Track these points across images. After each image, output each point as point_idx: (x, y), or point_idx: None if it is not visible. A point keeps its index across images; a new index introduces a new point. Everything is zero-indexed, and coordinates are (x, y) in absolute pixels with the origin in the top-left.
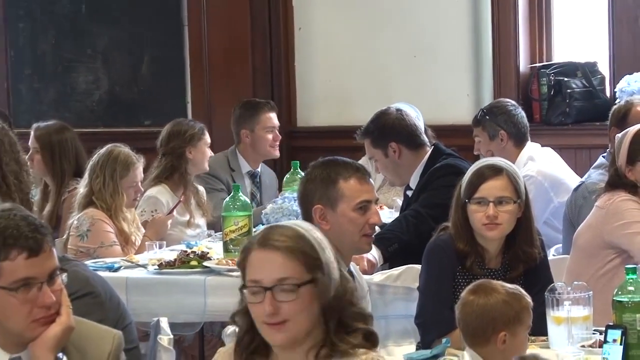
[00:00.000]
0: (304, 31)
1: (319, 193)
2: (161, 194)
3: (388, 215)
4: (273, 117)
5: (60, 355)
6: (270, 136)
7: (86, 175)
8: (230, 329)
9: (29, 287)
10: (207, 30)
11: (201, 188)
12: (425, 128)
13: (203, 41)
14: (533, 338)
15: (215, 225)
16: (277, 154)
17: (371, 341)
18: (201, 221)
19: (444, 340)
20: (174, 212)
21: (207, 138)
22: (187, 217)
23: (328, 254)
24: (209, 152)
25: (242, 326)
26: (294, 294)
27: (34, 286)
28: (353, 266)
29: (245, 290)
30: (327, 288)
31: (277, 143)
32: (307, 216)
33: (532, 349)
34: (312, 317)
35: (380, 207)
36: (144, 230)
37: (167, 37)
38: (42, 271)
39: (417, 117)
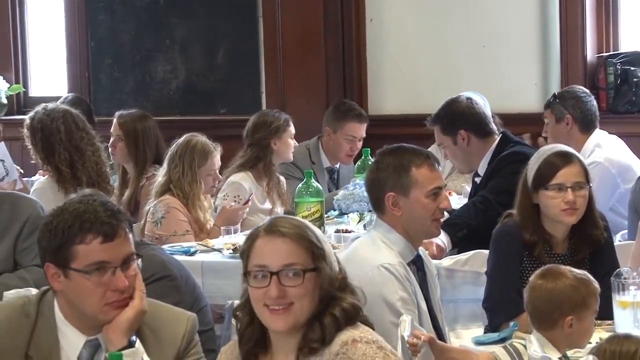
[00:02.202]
0: (375, 22)
1: (392, 180)
2: (244, 180)
3: (457, 201)
4: (358, 128)
5: (133, 338)
6: (348, 145)
7: (165, 164)
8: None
9: (103, 271)
10: (281, 22)
11: (282, 178)
12: (492, 115)
13: (277, 32)
14: (599, 322)
15: (291, 212)
16: (349, 162)
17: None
18: (280, 210)
19: (511, 323)
20: (249, 204)
21: (292, 129)
22: (269, 206)
23: (329, 248)
24: (294, 143)
25: (244, 320)
26: (300, 279)
27: (108, 270)
28: (422, 251)
29: (249, 276)
30: (328, 278)
31: (354, 153)
32: (378, 203)
33: (598, 333)
34: (313, 305)
35: (449, 193)
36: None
37: (243, 28)
38: (116, 256)
39: (485, 105)
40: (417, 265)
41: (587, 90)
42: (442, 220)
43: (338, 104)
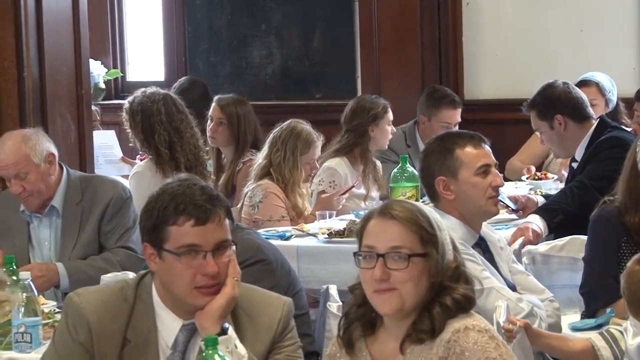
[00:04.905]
0: (472, 6)
1: (439, 165)
2: (340, 166)
3: (553, 186)
4: (452, 114)
5: (226, 325)
6: (443, 131)
7: (266, 147)
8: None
9: (194, 254)
10: (377, 6)
11: (378, 163)
12: (617, 102)
13: (373, 16)
14: None
15: (387, 197)
16: None
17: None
18: (375, 194)
19: (608, 309)
20: (352, 190)
21: (390, 116)
22: (364, 192)
23: (445, 236)
24: (392, 129)
25: (357, 299)
26: (405, 263)
27: (199, 254)
28: (483, 231)
29: (359, 256)
30: (438, 266)
31: None
32: (431, 191)
33: None
34: (420, 291)
35: (544, 174)
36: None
37: (338, 12)
38: (207, 240)
39: (612, 84)
40: (481, 247)
41: None
42: (498, 197)
43: (431, 91)
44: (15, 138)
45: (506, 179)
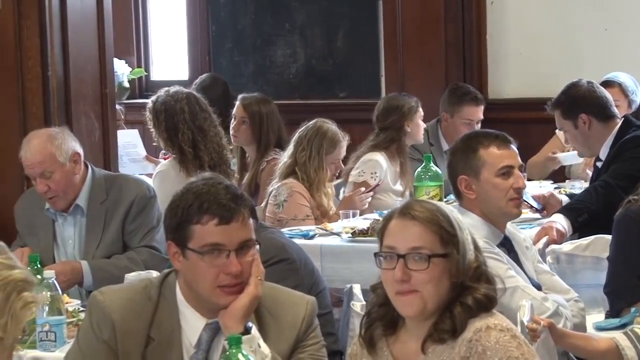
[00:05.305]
0: (496, 5)
1: (462, 164)
2: (381, 159)
3: (578, 185)
4: (475, 111)
5: (249, 324)
6: (466, 129)
7: (291, 146)
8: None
9: (217, 253)
10: (401, 5)
11: None
12: None
13: (397, 16)
14: None
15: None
16: None
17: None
18: (408, 191)
19: (632, 309)
20: (378, 187)
21: (421, 110)
22: (400, 188)
23: (466, 235)
24: (423, 124)
25: (379, 299)
26: (426, 264)
27: (223, 253)
28: (508, 230)
29: (379, 257)
30: (459, 266)
31: None
32: (455, 189)
33: None
34: (441, 291)
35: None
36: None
37: (362, 11)
38: (231, 240)
39: (635, 84)
40: (506, 247)
41: None
42: (520, 199)
43: (453, 88)
44: (40, 137)
45: (529, 179)
